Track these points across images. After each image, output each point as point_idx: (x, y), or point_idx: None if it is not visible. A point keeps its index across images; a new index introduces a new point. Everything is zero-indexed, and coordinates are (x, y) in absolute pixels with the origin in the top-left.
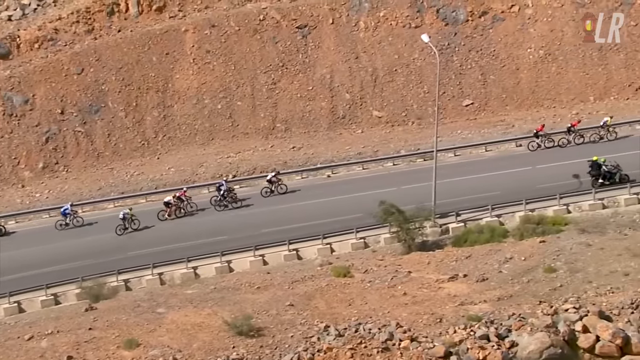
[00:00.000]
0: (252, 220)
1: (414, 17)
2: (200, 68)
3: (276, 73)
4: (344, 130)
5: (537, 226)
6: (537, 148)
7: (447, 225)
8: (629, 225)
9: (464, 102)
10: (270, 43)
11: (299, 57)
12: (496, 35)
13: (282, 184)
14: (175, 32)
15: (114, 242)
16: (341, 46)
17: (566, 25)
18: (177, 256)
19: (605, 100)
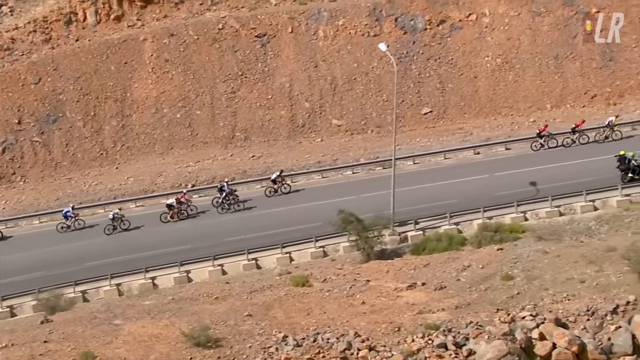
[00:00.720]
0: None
1: (373, 25)
2: (159, 77)
3: (235, 82)
4: (304, 138)
5: (494, 234)
6: (541, 148)
7: (406, 233)
8: (585, 233)
9: (423, 110)
10: (229, 52)
11: (258, 66)
12: (454, 44)
13: (285, 184)
14: (133, 42)
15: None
16: (300, 55)
17: (523, 34)
18: (167, 260)
19: (561, 108)
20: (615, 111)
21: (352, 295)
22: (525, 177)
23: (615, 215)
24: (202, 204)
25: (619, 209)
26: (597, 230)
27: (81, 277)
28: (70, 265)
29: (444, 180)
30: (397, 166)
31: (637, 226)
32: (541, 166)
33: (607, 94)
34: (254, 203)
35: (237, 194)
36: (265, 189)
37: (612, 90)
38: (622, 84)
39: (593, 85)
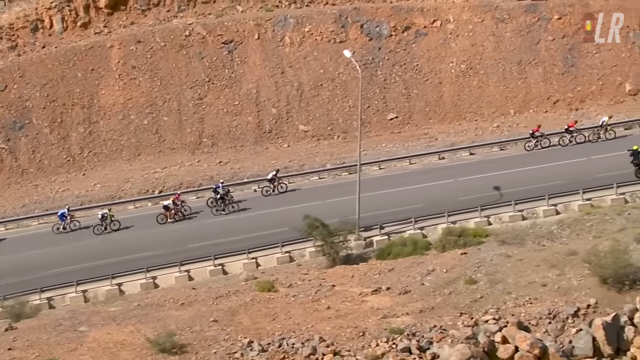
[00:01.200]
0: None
1: (339, 32)
2: (126, 84)
3: (202, 88)
4: (271, 144)
5: (458, 238)
6: (534, 148)
7: (372, 238)
8: (547, 237)
9: (389, 115)
10: (196, 58)
11: (225, 72)
12: (419, 50)
13: (282, 183)
14: (100, 48)
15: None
16: (267, 61)
17: (486, 40)
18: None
19: (525, 113)
20: (577, 116)
21: (318, 300)
22: (490, 181)
23: (577, 219)
24: (199, 205)
25: (581, 213)
26: (559, 234)
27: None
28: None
29: (409, 186)
30: (362, 171)
31: (597, 230)
32: (505, 170)
33: (569, 99)
34: (249, 204)
35: (232, 195)
36: (262, 189)
37: (573, 95)
38: (583, 89)
39: (555, 91)
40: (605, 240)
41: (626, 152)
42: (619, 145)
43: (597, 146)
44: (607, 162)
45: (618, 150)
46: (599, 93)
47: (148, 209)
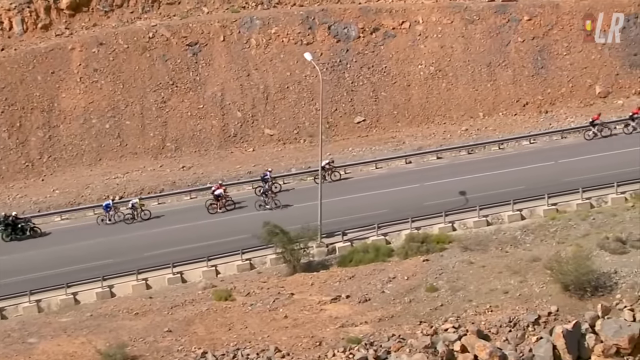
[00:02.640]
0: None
1: (306, 33)
2: (87, 87)
3: (166, 91)
4: (235, 148)
5: (421, 244)
6: (594, 137)
7: (334, 244)
8: (510, 243)
9: (356, 119)
10: (160, 61)
11: (190, 75)
12: (387, 52)
13: (336, 172)
14: (61, 51)
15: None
16: (232, 64)
17: (455, 42)
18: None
19: (494, 116)
20: (547, 119)
21: (275, 310)
22: (456, 186)
23: (541, 225)
24: (244, 197)
25: (545, 218)
26: (523, 240)
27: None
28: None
29: (374, 190)
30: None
31: (561, 236)
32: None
33: (539, 102)
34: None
35: (278, 185)
36: (314, 178)
37: (543, 98)
38: (553, 91)
39: (525, 93)
40: (568, 246)
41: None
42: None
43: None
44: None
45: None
46: (569, 95)
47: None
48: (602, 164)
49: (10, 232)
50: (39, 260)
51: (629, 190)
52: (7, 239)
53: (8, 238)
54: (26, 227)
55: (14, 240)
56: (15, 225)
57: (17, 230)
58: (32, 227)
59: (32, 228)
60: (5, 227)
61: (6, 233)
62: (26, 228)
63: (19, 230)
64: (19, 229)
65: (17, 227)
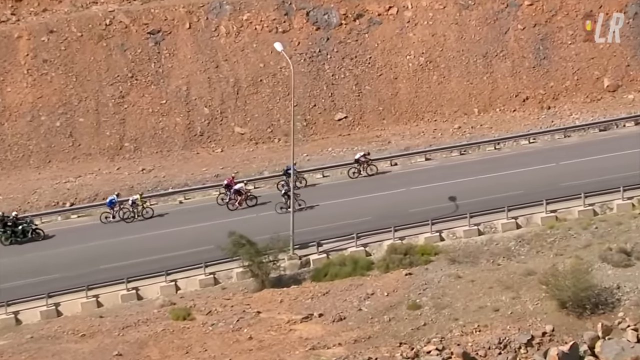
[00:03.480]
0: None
1: (282, 20)
2: (36, 80)
3: (125, 85)
4: (202, 149)
5: (404, 256)
6: None
7: (308, 257)
8: (503, 254)
9: (337, 115)
10: (118, 51)
11: (151, 66)
12: (372, 41)
13: (372, 165)
14: (6, 39)
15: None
16: (199, 54)
17: (449, 29)
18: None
19: (490, 113)
20: (549, 116)
21: (239, 330)
22: (446, 191)
23: (538, 234)
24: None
25: (543, 226)
26: (517, 252)
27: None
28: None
29: (355, 196)
30: (304, 180)
31: (560, 246)
32: (464, 178)
33: (541, 97)
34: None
35: (304, 180)
36: (348, 171)
37: (545, 92)
38: (556, 85)
39: (525, 87)
40: (567, 258)
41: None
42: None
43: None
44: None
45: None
46: (574, 89)
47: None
48: (608, 165)
49: (10, 234)
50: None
51: (636, 195)
52: (6, 243)
53: (7, 241)
54: (28, 229)
55: (14, 244)
56: (16, 226)
57: (18, 233)
58: (34, 229)
59: (35, 230)
60: (3, 228)
61: (5, 236)
62: (28, 230)
63: (20, 233)
64: (19, 231)
65: (17, 228)
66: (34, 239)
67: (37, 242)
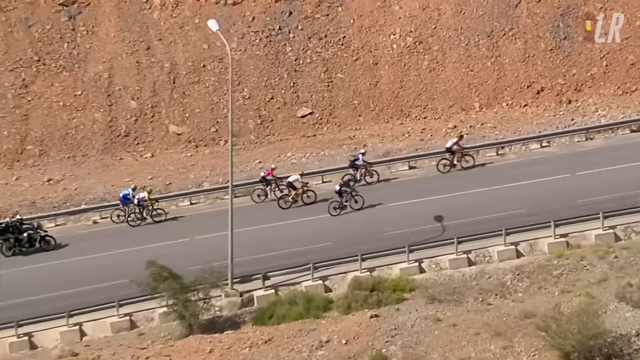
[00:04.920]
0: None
1: None
2: None
3: (29, 71)
4: (127, 153)
5: (371, 293)
6: None
7: (252, 293)
8: (496, 291)
9: (300, 111)
10: (20, 27)
11: (64, 47)
12: (347, 16)
13: (468, 155)
14: None
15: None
16: (126, 32)
17: (444, 2)
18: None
19: (494, 108)
20: (569, 112)
21: None
22: (432, 208)
23: (542, 265)
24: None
25: (550, 255)
26: (514, 288)
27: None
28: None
29: (315, 215)
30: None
31: (568, 281)
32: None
33: (560, 88)
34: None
35: (375, 173)
36: (438, 162)
37: (565, 82)
38: (580, 72)
39: (540, 76)
40: (575, 296)
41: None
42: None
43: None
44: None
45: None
46: (601, 78)
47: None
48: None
49: (12, 243)
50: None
51: None
52: (7, 253)
53: (9, 252)
54: (35, 237)
55: (18, 255)
56: (21, 233)
57: (22, 241)
58: (43, 236)
59: (44, 237)
60: (4, 235)
61: (7, 245)
62: (35, 237)
63: (25, 241)
64: (24, 239)
65: (22, 236)
66: (43, 249)
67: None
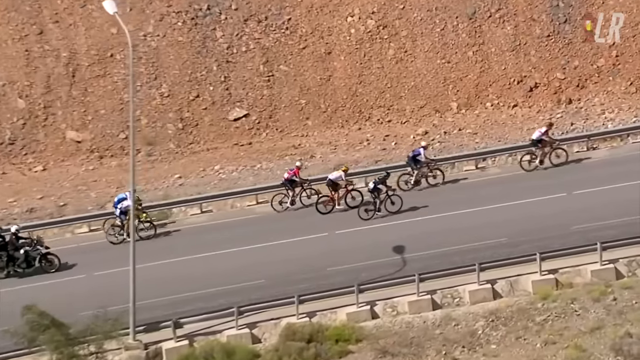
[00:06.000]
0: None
1: None
2: None
3: None
4: (12, 166)
5: (307, 345)
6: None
7: (160, 345)
8: (464, 342)
9: (233, 113)
10: None
11: None
12: None
13: (559, 148)
14: None
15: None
16: (12, 12)
17: None
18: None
19: (476, 109)
20: (569, 115)
21: None
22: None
23: (523, 309)
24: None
25: (534, 296)
26: (486, 337)
27: None
28: None
29: (246, 245)
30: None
31: (554, 329)
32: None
33: (558, 84)
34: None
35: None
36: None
37: (565, 77)
38: (583, 65)
39: (533, 68)
40: (562, 349)
41: None
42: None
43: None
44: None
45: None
46: (610, 72)
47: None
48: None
49: (6, 261)
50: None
51: None
52: (1, 275)
53: (3, 273)
54: (33, 255)
55: (12, 277)
56: (17, 249)
57: (19, 260)
58: (44, 254)
59: (45, 255)
60: None
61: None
62: (34, 256)
63: (22, 260)
64: (20, 257)
65: (18, 253)
66: (44, 270)
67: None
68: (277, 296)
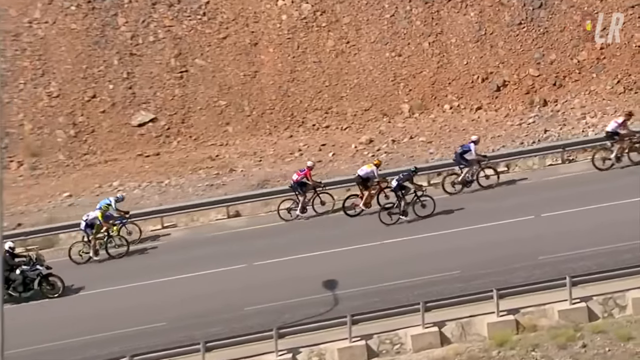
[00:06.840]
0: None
1: None
2: None
3: None
4: None
5: None
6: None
7: None
8: None
9: (137, 117)
10: None
11: None
12: None
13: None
14: None
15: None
16: None
17: None
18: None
19: (431, 113)
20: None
21: None
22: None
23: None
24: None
25: (489, 342)
26: None
27: None
28: None
29: (148, 279)
30: (58, 244)
31: None
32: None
33: (531, 82)
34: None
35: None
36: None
37: (539, 73)
38: (561, 59)
39: (501, 63)
40: None
41: None
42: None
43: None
44: None
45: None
46: (593, 68)
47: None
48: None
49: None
50: None
51: None
52: None
53: None
54: (32, 277)
55: (8, 303)
56: (12, 270)
57: (16, 283)
58: (44, 276)
59: (47, 277)
60: None
61: None
62: (32, 278)
63: (19, 284)
64: (18, 279)
65: (15, 274)
66: (44, 294)
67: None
68: (180, 342)
